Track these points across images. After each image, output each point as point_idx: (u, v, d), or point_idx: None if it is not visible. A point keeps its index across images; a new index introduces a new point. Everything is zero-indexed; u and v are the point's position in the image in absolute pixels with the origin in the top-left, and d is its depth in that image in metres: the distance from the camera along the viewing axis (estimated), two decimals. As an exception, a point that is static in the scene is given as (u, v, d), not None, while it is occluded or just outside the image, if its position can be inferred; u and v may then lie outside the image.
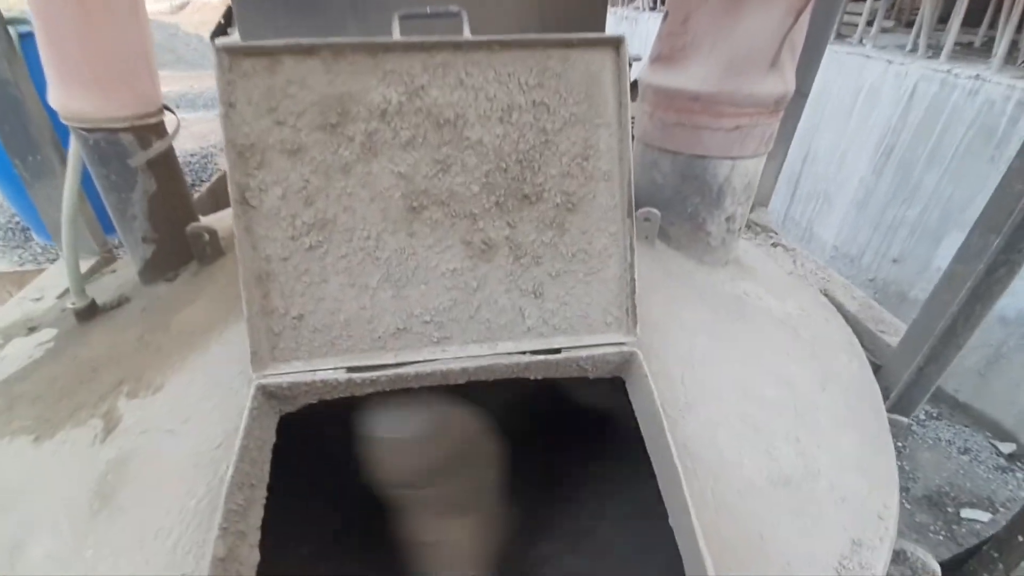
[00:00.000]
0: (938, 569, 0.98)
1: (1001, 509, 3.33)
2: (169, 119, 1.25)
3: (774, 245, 1.66)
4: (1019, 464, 3.59)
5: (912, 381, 1.32)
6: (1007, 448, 3.67)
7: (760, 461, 0.95)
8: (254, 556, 0.76)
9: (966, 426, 3.90)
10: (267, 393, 0.87)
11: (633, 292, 0.94)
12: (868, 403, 1.15)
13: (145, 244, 1.28)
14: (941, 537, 3.17)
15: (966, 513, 3.30)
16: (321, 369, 0.89)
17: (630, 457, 1.58)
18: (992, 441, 3.73)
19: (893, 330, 1.40)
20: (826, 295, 1.50)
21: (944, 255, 4.20)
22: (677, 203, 1.28)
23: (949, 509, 3.34)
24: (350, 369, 0.89)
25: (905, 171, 4.35)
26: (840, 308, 1.46)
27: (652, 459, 0.87)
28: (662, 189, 1.28)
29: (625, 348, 0.93)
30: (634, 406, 0.93)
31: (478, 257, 0.92)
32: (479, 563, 1.12)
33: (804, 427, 1.04)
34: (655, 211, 1.23)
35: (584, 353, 0.92)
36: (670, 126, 1.20)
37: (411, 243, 0.90)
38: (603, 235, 0.94)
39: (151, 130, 1.19)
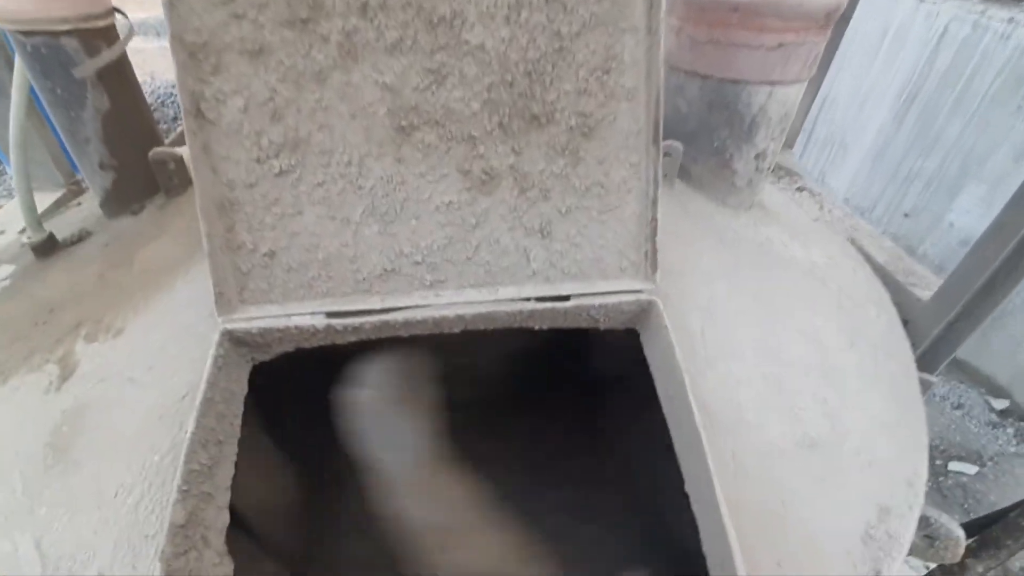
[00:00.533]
0: (962, 536, 0.92)
1: (988, 463, 3.36)
2: (121, 23, 1.07)
3: (799, 189, 1.53)
4: (1010, 420, 3.60)
5: (940, 337, 1.23)
6: (1000, 404, 3.68)
7: (784, 423, 0.86)
8: (222, 519, 0.68)
9: (961, 382, 3.89)
10: (235, 340, 0.76)
11: (654, 233, 0.82)
12: (898, 361, 1.06)
13: (103, 171, 1.14)
14: (927, 488, 3.21)
15: (953, 466, 3.34)
16: (297, 314, 0.78)
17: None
18: (986, 397, 3.72)
19: (924, 283, 1.29)
20: (853, 244, 1.39)
21: (958, 210, 4.05)
22: (702, 136, 1.14)
23: (938, 462, 3.37)
24: (330, 314, 0.78)
25: (927, 120, 4.12)
26: (868, 259, 1.34)
27: (668, 420, 0.78)
28: (686, 120, 1.13)
29: (642, 296, 0.82)
30: (649, 361, 0.83)
31: (477, 189, 0.79)
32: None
33: (831, 387, 0.94)
34: (677, 144, 1.09)
35: (596, 301, 0.80)
36: (700, 44, 1.03)
37: (399, 170, 0.77)
38: (622, 166, 0.80)
39: (99, 35, 1.02)
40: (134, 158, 1.13)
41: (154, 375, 0.83)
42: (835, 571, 0.75)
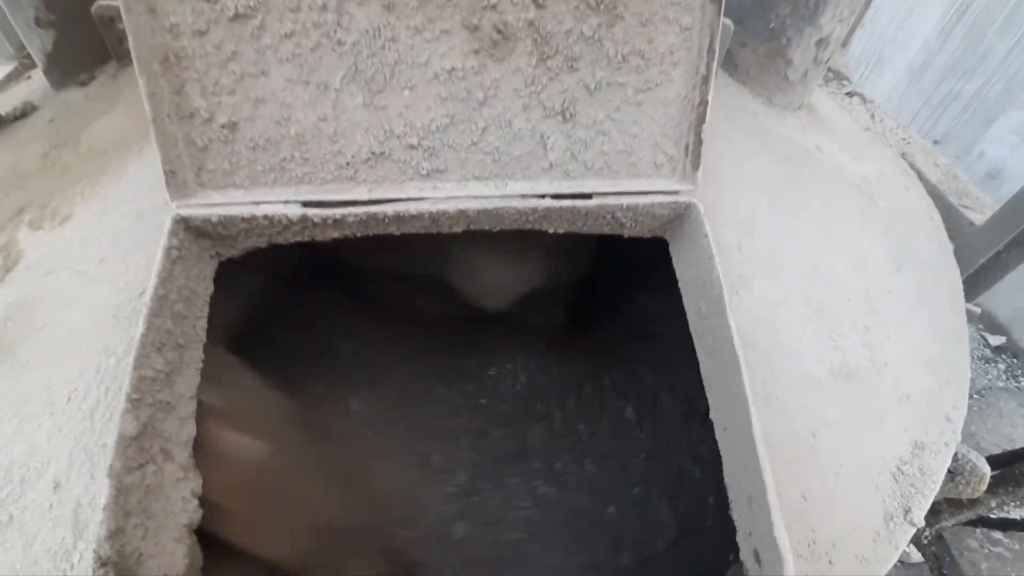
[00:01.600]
0: (988, 471, 0.87)
1: (975, 396, 3.41)
2: None
3: (849, 95, 1.33)
4: (1003, 356, 3.61)
5: (986, 267, 1.11)
6: (996, 341, 3.67)
7: (822, 350, 0.76)
8: (187, 431, 0.59)
9: (959, 317, 3.85)
10: (193, 229, 0.63)
11: (701, 121, 0.66)
12: (945, 290, 0.95)
13: (41, 30, 0.94)
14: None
15: (940, 397, 3.37)
16: (267, 202, 0.64)
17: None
18: (983, 333, 3.71)
19: (979, 205, 1.15)
20: (905, 159, 1.23)
21: (991, 138, 3.78)
22: (755, 15, 0.94)
23: (925, 393, 3.41)
24: (307, 204, 0.64)
25: (974, 37, 3.73)
26: (920, 176, 1.19)
27: (697, 340, 0.68)
28: (738, -7, 0.93)
29: (679, 199, 0.68)
30: (680, 274, 0.71)
31: (487, 52, 0.63)
32: None
33: (874, 314, 0.84)
34: (728, 22, 0.90)
35: (624, 202, 0.67)
36: None
37: (389, 21, 0.60)
38: (671, 29, 0.63)
39: None
40: (76, 13, 0.94)
41: (107, 269, 0.71)
42: (863, 506, 0.69)
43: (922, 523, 0.69)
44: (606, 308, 1.44)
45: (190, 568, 0.54)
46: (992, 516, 1.16)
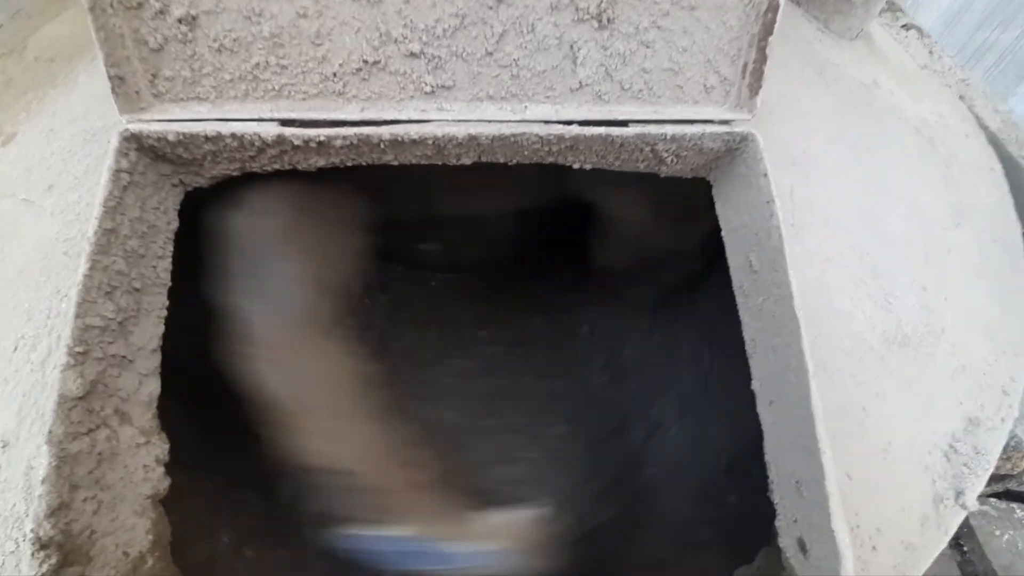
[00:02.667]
0: (1032, 448, 0.79)
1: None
2: None
3: (905, 27, 1.16)
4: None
5: (1042, 225, 0.98)
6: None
7: (876, 313, 0.66)
8: (148, 389, 0.50)
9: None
10: (147, 150, 0.52)
11: (767, 33, 0.53)
12: (1006, 249, 0.84)
13: (-25, -87, 0.78)
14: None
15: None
16: (237, 119, 0.52)
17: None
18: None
19: (1042, 158, 1.02)
20: (963, 103, 1.09)
21: (1022, 95, 3.55)
22: (823, -85, 0.77)
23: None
24: (285, 123, 0.52)
25: (1019, -20, 3.42)
26: (979, 123, 1.05)
27: (743, 299, 0.58)
28: None
29: (734, 130, 0.56)
30: (725, 222, 0.60)
31: (508, -69, 0.49)
32: None
33: (932, 273, 0.73)
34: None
35: (669, 131, 0.54)
36: None
37: None
38: (743, -94, 0.49)
39: None
40: None
41: (56, 198, 0.60)
42: (911, 488, 0.61)
43: (975, 506, 0.62)
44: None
45: (155, 544, 0.46)
46: (1022, 489, 1.11)
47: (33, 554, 0.39)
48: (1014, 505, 1.52)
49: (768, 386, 0.53)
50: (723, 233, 0.60)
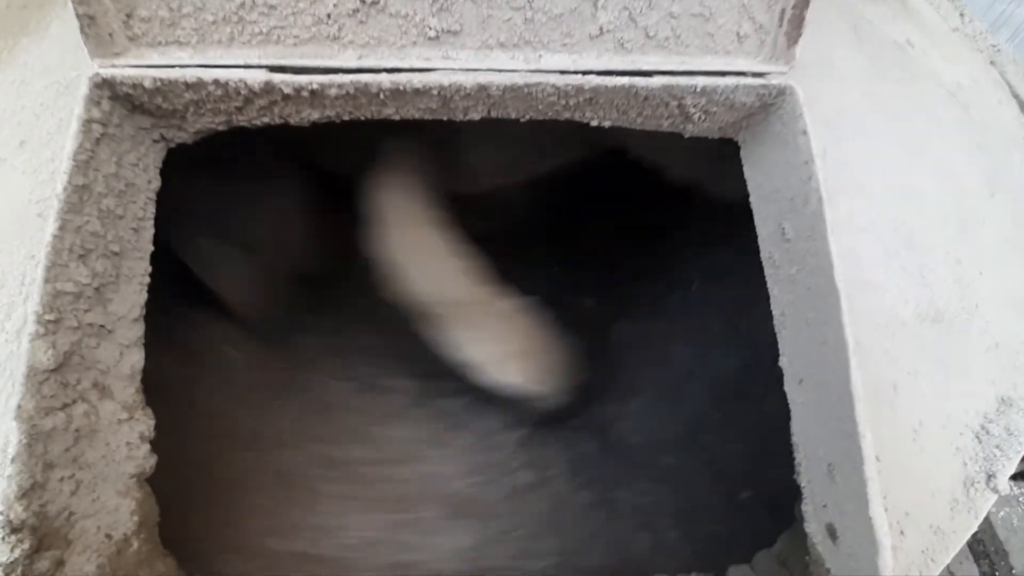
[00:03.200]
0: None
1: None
2: None
3: (935, -14, 1.09)
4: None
5: (1074, 199, 0.93)
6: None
7: (910, 287, 0.61)
8: (129, 362, 0.45)
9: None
10: (122, 99, 0.46)
11: (811, -28, 0.47)
12: (1042, 221, 0.79)
13: None
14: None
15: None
16: (222, 65, 0.47)
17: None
18: None
19: (1077, 126, 0.95)
20: (994, 68, 1.02)
21: (1041, 69, 3.42)
22: None
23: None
24: (274, 69, 0.47)
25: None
26: (1010, 90, 0.99)
27: (773, 270, 0.53)
28: None
29: (771, 82, 0.50)
30: (755, 186, 0.55)
31: None
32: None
33: (967, 245, 0.68)
34: None
35: (699, 83, 0.49)
36: None
37: None
38: None
39: None
40: None
41: (28, 155, 0.55)
42: (941, 470, 0.57)
43: (1007, 490, 0.58)
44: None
45: (141, 525, 0.43)
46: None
47: (3, 538, 0.35)
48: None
49: (799, 363, 0.49)
50: (752, 200, 0.55)
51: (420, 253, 0.86)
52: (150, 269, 0.49)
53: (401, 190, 0.88)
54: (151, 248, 0.49)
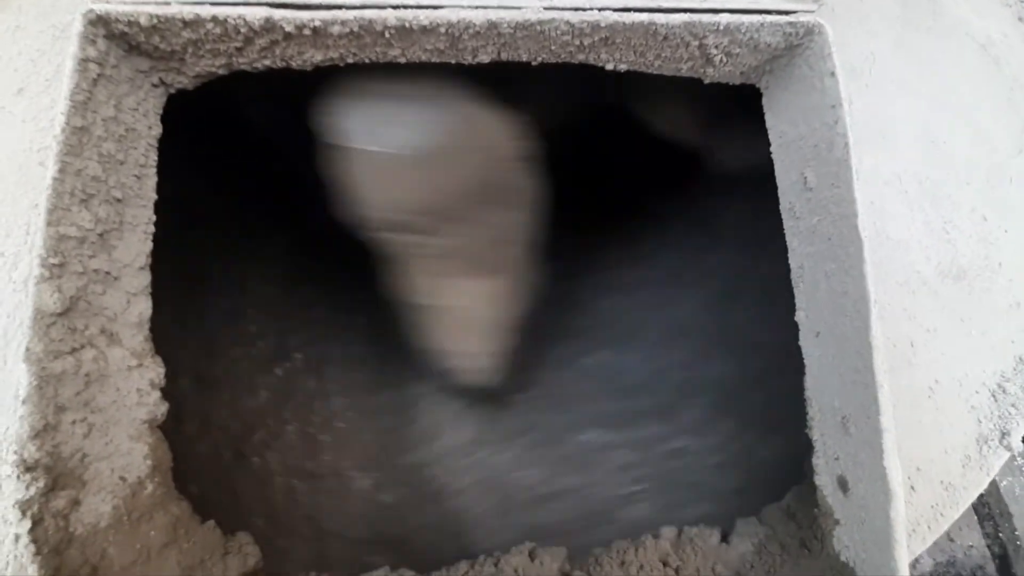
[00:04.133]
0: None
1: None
2: None
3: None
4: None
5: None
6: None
7: (932, 244, 0.59)
8: (138, 310, 0.45)
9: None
10: (118, 37, 0.44)
11: None
12: (1072, 179, 0.75)
13: None
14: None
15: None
16: (221, 2, 0.44)
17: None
18: None
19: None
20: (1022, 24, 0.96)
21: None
22: None
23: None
24: (274, 5, 0.44)
25: None
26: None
27: (793, 221, 0.51)
28: None
29: (799, 20, 0.47)
30: (777, 134, 0.52)
31: None
32: (495, 333, 0.85)
33: (993, 202, 0.65)
34: None
35: (723, 20, 0.46)
36: None
37: None
38: None
39: None
40: None
41: (27, 102, 0.53)
42: (955, 428, 0.56)
43: (1021, 447, 0.57)
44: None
45: (155, 470, 0.43)
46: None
47: (19, 476, 0.35)
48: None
49: (816, 316, 0.47)
50: (773, 149, 0.53)
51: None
52: (154, 218, 0.47)
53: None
54: (154, 196, 0.48)
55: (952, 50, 0.73)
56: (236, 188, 0.93)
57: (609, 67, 0.50)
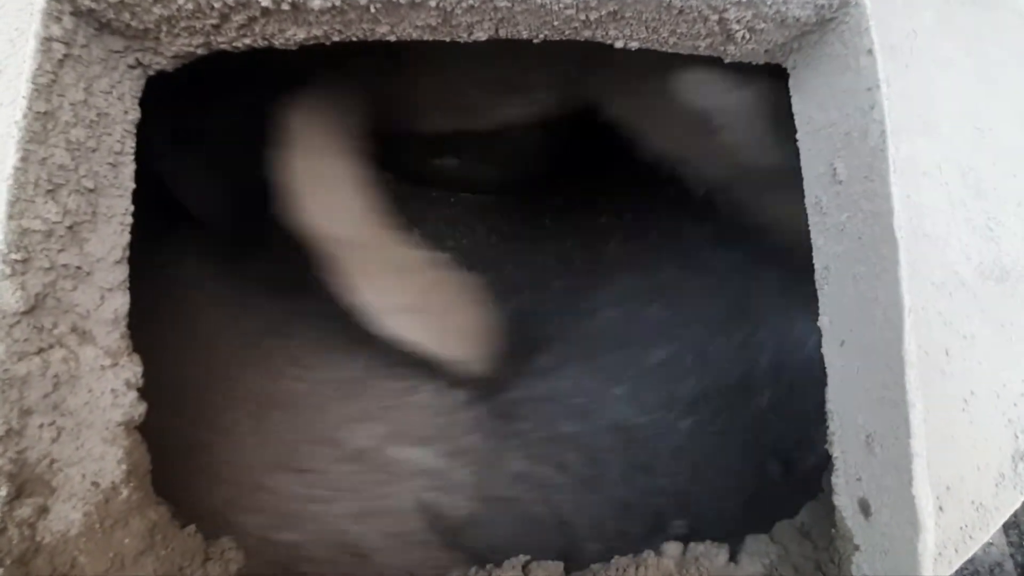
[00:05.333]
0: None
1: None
2: None
3: None
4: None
5: None
6: None
7: (973, 241, 0.53)
8: (112, 306, 0.42)
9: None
10: (86, 15, 0.41)
11: None
12: None
13: None
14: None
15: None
16: (193, -25, 0.41)
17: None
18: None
19: None
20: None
21: None
22: None
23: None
24: (250, -22, 0.40)
25: None
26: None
27: (820, 217, 0.46)
28: None
29: (832, -9, 0.42)
30: (804, 120, 0.47)
31: None
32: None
33: (1043, 195, 0.59)
34: None
35: (745, -10, 0.41)
36: None
37: None
38: None
39: None
40: None
41: (5, 84, 0.51)
42: (990, 443, 0.51)
43: (1063, 466, 0.52)
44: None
45: (130, 474, 0.41)
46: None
47: (-21, 487, 0.33)
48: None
49: (841, 323, 0.43)
50: (799, 137, 0.47)
51: (321, 183, 0.74)
52: (132, 208, 0.45)
53: (318, 116, 0.76)
54: (132, 185, 0.45)
55: (1001, 26, 0.66)
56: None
57: (619, 44, 0.45)
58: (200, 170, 0.90)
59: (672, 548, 0.47)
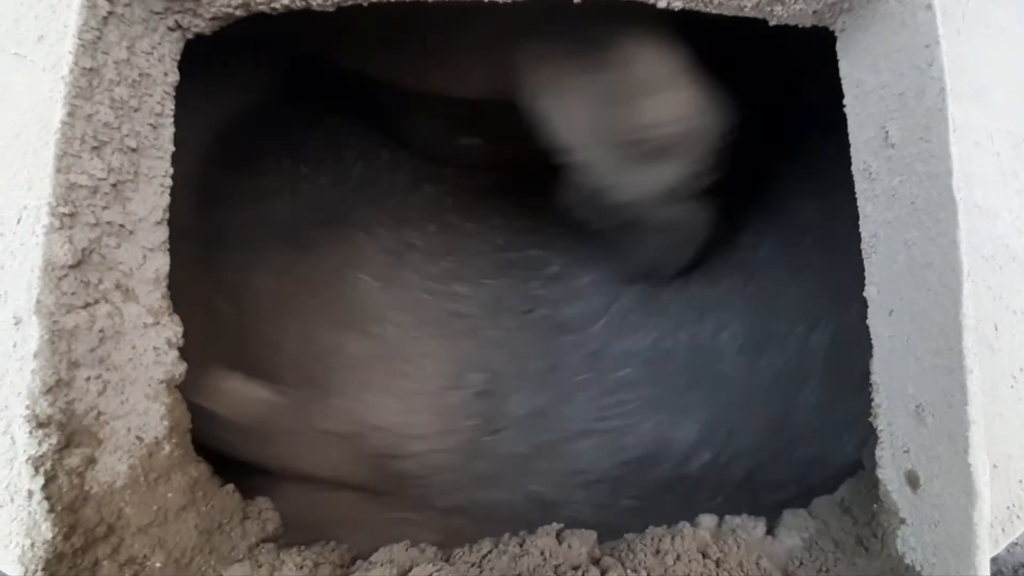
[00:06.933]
0: None
1: None
2: None
3: None
4: None
5: None
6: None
7: (1025, 213, 0.52)
8: (154, 266, 0.43)
9: None
10: (128, -28, 0.41)
11: None
12: None
13: None
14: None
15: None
16: (234, -68, 0.40)
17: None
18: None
19: None
20: None
21: None
22: None
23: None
24: (291, -66, 0.40)
25: None
26: None
27: (868, 182, 0.44)
28: None
29: (889, -57, 0.40)
30: (853, 83, 0.46)
31: None
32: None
33: (1099, 168, 0.57)
34: None
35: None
36: None
37: None
38: None
39: None
40: None
41: (47, 49, 0.51)
42: (1038, 421, 0.50)
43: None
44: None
45: (172, 431, 0.41)
46: None
47: (31, 432, 0.34)
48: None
49: (891, 292, 0.41)
50: (847, 102, 0.46)
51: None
52: (172, 170, 0.45)
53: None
54: (172, 148, 0.45)
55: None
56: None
57: (661, 5, 0.44)
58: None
59: (707, 520, 0.47)
